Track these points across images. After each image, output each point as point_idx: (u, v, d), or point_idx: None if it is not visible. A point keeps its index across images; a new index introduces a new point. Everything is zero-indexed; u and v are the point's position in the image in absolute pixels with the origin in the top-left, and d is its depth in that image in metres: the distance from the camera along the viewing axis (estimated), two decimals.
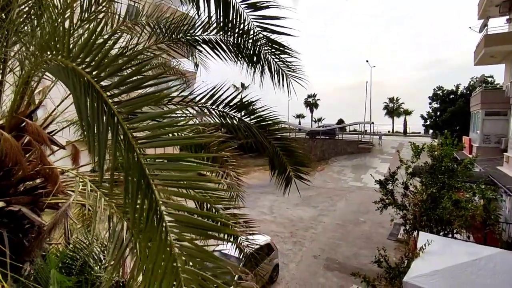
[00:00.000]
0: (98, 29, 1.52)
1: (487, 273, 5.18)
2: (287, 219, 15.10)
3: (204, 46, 3.48)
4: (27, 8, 2.37)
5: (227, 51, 3.38)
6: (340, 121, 54.23)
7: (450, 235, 8.32)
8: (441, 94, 30.59)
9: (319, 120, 66.32)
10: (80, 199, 2.67)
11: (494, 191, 8.90)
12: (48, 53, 1.60)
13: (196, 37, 3.43)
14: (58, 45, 1.61)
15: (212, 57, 3.54)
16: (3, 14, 2.34)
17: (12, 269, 2.28)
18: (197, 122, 3.85)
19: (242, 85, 48.80)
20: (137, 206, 1.25)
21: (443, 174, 8.61)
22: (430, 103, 32.05)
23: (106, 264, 3.18)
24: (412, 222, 8.86)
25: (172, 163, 1.35)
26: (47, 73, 2.81)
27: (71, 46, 1.46)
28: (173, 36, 3.41)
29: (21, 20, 2.35)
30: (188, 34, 3.43)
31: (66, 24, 2.02)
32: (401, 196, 9.31)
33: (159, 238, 1.22)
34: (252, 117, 3.16)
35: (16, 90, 2.38)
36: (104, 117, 1.25)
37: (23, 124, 2.50)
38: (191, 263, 1.22)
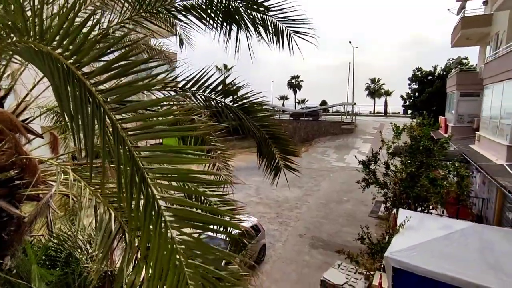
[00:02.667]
0: (76, 8, 1.39)
1: (461, 245, 5.54)
2: (273, 200, 15.37)
3: (186, 14, 3.07)
4: None
5: (214, 16, 3.05)
6: (323, 103, 54.62)
7: (427, 211, 8.78)
8: (419, 75, 31.22)
9: (303, 101, 66.55)
10: (62, 189, 2.56)
11: (467, 169, 9.39)
12: (17, 35, 1.45)
13: (176, 5, 3.04)
14: (28, 26, 1.46)
15: (198, 27, 3.17)
16: None
17: None
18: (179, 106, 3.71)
19: (225, 66, 47.74)
20: (133, 203, 1.20)
21: (421, 153, 8.95)
22: (409, 84, 32.74)
23: (93, 254, 3.12)
24: (392, 200, 9.26)
25: (166, 155, 1.29)
26: (15, 56, 2.60)
27: (44, 27, 1.33)
28: (149, 6, 3.01)
29: None
30: (167, 2, 3.04)
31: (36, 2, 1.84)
32: (383, 176, 9.64)
33: (158, 234, 1.18)
34: (240, 103, 3.07)
35: None
36: (89, 108, 1.16)
37: None
38: (192, 257, 1.20)
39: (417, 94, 30.82)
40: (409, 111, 33.42)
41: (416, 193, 8.23)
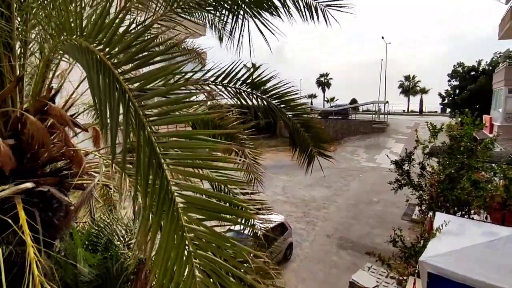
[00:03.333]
0: (114, 8, 1.49)
1: (506, 253, 5.13)
2: (300, 199, 15.24)
3: (217, 7, 3.04)
4: None
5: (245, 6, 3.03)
6: (353, 101, 53.02)
7: (467, 216, 8.22)
8: (461, 71, 29.19)
9: (332, 100, 65.08)
10: (103, 180, 2.74)
11: None
12: (65, 33, 1.59)
13: None
14: (72, 25, 1.59)
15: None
16: None
17: (45, 245, 2.40)
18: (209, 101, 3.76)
19: (253, 65, 47.91)
20: (149, 187, 1.25)
21: (462, 154, 8.38)
22: (449, 81, 30.71)
23: (129, 242, 3.31)
24: (429, 203, 8.77)
25: (185, 141, 1.33)
26: (64, 57, 2.82)
27: (83, 25, 1.44)
28: (182, 2, 3.02)
29: (39, 2, 2.33)
30: None
31: (78, 4, 1.99)
32: (417, 177, 9.17)
33: (170, 220, 1.22)
34: (271, 93, 3.07)
35: (38, 74, 2.40)
36: (116, 94, 1.24)
37: (46, 107, 2.54)
38: (205, 248, 1.22)
39: (457, 91, 28.83)
40: (448, 110, 31.38)
41: (456, 196, 7.72)
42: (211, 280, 1.17)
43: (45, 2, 2.28)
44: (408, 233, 10.46)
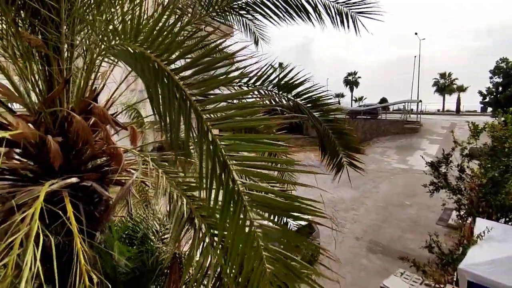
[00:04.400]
0: (165, 14, 1.54)
1: None
2: (327, 200, 14.92)
3: (249, 11, 3.18)
4: None
5: (275, 9, 3.12)
6: (383, 100, 51.12)
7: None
8: (504, 67, 27.10)
9: (360, 99, 63.20)
10: (141, 177, 2.86)
11: None
12: (117, 38, 1.66)
13: (239, 2, 3.12)
14: (126, 31, 1.66)
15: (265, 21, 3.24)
16: (69, 4, 2.47)
17: (87, 237, 2.55)
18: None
19: (280, 65, 47.77)
20: (213, 188, 1.28)
21: (506, 156, 7.77)
22: (491, 78, 28.63)
23: (164, 237, 3.43)
24: (468, 208, 8.23)
25: (247, 144, 1.34)
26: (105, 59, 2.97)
27: (139, 31, 1.50)
28: (217, 5, 3.13)
29: (85, 8, 2.48)
30: (230, 1, 3.11)
31: (123, 10, 2.08)
32: (456, 180, 8.64)
33: (237, 217, 1.24)
34: (304, 96, 3.05)
35: (84, 76, 2.55)
36: (176, 100, 1.27)
37: (90, 107, 2.70)
38: (270, 242, 1.24)
39: (500, 88, 26.80)
40: (489, 109, 29.28)
41: (500, 201, 7.17)
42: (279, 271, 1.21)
43: (91, 7, 2.41)
44: (444, 239, 9.89)
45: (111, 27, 1.77)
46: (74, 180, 2.56)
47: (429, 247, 6.80)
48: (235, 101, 1.67)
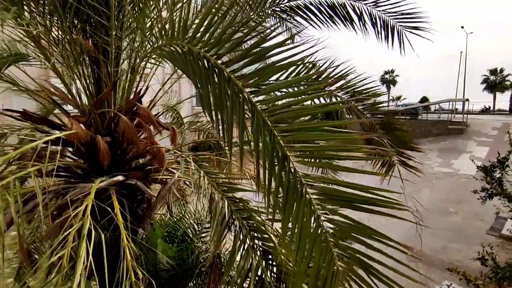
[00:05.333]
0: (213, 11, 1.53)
1: None
2: None
3: (292, 14, 3.19)
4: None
5: (319, 14, 3.07)
6: (424, 99, 48.14)
7: None
8: None
9: (398, 98, 60.15)
10: (182, 176, 2.91)
11: None
12: (164, 38, 1.69)
13: (282, 5, 3.17)
14: (174, 30, 1.68)
15: (305, 24, 3.24)
16: (118, 10, 2.59)
17: (131, 233, 2.65)
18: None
19: (314, 65, 46.91)
20: (272, 180, 1.22)
21: None
22: None
23: (202, 236, 3.47)
24: None
25: (309, 132, 1.27)
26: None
27: (187, 30, 1.50)
28: (260, 7, 3.16)
29: (133, 13, 2.57)
30: (274, 3, 3.17)
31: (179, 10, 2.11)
32: None
33: (302, 213, 1.18)
34: (348, 89, 2.89)
35: (130, 78, 2.65)
36: (228, 91, 1.24)
37: (135, 108, 2.80)
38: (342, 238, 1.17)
39: None
40: None
41: None
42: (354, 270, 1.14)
43: (139, 12, 2.50)
44: (496, 250, 9.00)
45: (157, 28, 1.80)
46: (120, 178, 2.67)
47: (481, 259, 6.20)
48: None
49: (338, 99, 2.96)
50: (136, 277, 2.06)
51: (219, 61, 1.28)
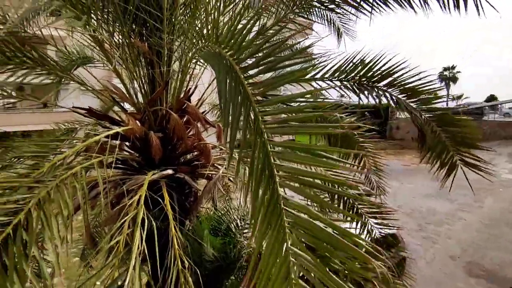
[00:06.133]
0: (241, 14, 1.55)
1: None
2: (414, 210, 13.35)
3: (340, 4, 2.94)
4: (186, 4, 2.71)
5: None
6: (491, 98, 43.02)
7: None
8: None
9: (459, 97, 54.48)
10: (226, 172, 3.01)
11: None
12: (202, 41, 1.76)
13: None
14: (209, 33, 1.75)
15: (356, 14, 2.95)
16: (170, 13, 2.75)
17: (179, 223, 2.81)
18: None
19: (362, 61, 44.78)
20: (260, 192, 1.22)
21: None
22: None
23: (244, 231, 3.54)
24: None
25: (300, 154, 1.24)
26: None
27: (219, 32, 1.55)
28: (301, 1, 3.08)
29: (183, 15, 2.72)
30: None
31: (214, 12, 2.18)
32: None
33: (276, 235, 1.15)
34: (399, 85, 2.68)
35: (180, 77, 2.80)
36: (239, 97, 1.26)
37: (184, 106, 2.96)
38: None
39: None
40: None
41: None
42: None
43: (189, 14, 2.63)
44: None
45: (205, 31, 1.89)
46: (170, 172, 2.84)
47: None
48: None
49: (388, 95, 2.78)
50: (183, 265, 2.18)
51: (237, 66, 1.31)
